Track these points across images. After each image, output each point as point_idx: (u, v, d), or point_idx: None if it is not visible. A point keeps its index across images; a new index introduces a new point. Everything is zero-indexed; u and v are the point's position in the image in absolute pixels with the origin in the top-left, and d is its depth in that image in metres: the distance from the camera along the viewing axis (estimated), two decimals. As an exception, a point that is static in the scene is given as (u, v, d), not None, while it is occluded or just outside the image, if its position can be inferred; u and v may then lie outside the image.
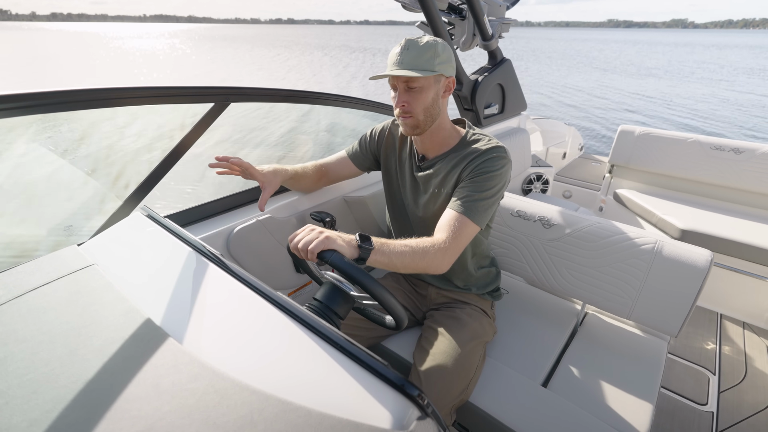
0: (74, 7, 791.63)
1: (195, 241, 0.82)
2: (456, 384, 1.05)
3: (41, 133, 2.66)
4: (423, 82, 1.04)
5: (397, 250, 0.93)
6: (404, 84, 1.05)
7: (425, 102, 1.07)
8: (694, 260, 1.15)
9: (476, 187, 1.06)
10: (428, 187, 1.19)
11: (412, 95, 1.06)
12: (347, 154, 1.38)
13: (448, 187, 1.14)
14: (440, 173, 1.16)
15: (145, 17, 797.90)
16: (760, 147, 2.25)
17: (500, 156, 1.09)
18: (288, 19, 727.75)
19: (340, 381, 0.55)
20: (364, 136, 1.35)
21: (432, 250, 0.97)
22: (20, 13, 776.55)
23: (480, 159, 1.08)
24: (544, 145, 3.36)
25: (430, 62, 1.03)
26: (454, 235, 1.01)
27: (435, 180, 1.17)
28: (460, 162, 1.13)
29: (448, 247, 1.00)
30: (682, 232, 2.07)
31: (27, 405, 0.52)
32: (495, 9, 2.43)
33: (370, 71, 18.48)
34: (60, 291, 0.73)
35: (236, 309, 0.67)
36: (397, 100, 1.08)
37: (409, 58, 1.02)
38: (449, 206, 1.08)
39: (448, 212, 1.06)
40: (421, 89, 1.05)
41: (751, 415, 1.55)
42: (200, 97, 1.23)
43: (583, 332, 1.38)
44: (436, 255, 0.98)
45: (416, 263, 0.96)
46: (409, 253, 0.94)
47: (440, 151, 1.18)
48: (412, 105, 1.06)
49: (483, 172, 1.07)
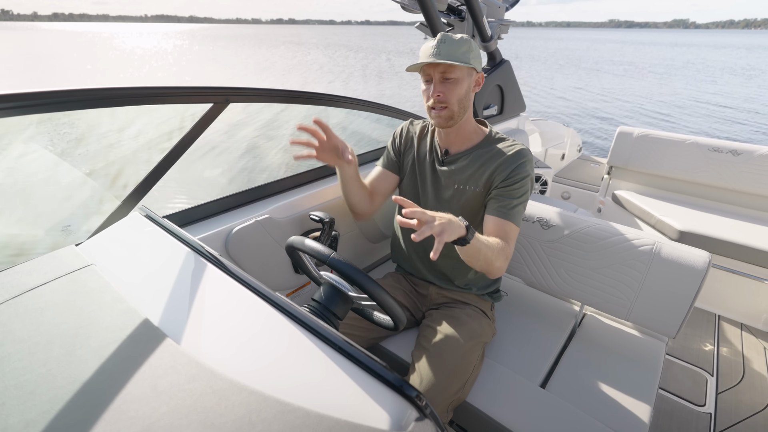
0: (76, 8, 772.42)
1: (193, 241, 0.82)
2: (452, 382, 1.05)
3: (39, 133, 2.65)
4: (459, 73, 1.09)
5: (485, 242, 1.01)
6: (441, 75, 1.08)
7: (460, 93, 1.10)
8: (692, 261, 1.16)
9: (514, 193, 1.12)
10: (452, 183, 1.21)
11: (447, 86, 1.09)
12: (383, 166, 1.36)
13: (478, 186, 1.17)
14: (466, 170, 1.18)
15: (146, 17, 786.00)
16: (758, 149, 2.26)
17: (528, 159, 1.14)
18: (289, 20, 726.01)
19: (339, 382, 0.55)
20: (391, 143, 1.37)
21: (502, 254, 1.06)
22: (22, 13, 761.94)
23: (512, 165, 1.12)
24: (543, 146, 3.37)
25: (466, 55, 1.08)
26: (510, 241, 1.10)
27: (460, 176, 1.19)
28: (488, 162, 1.15)
29: (508, 254, 1.09)
30: (681, 233, 2.08)
31: (24, 406, 0.51)
32: (494, 10, 2.43)
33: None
34: (58, 291, 0.73)
35: (235, 309, 0.67)
36: (433, 90, 1.10)
37: (446, 50, 1.06)
38: (495, 214, 1.11)
39: (496, 221, 1.10)
40: (456, 81, 1.09)
41: (749, 416, 1.55)
42: (199, 97, 1.23)
43: (581, 333, 1.38)
44: (504, 259, 1.07)
45: (491, 260, 1.03)
46: (493, 248, 1.02)
47: (464, 146, 1.21)
48: (447, 96, 1.09)
49: (518, 178, 1.12)
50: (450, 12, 2.30)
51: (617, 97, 13.39)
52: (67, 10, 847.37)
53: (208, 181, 2.73)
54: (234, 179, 3.05)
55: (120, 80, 16.75)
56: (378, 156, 1.82)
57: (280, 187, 1.50)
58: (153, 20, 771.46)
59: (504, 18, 2.52)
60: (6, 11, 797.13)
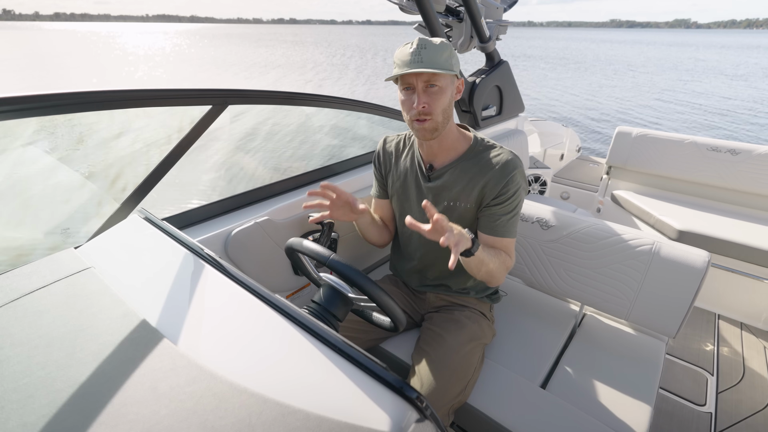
0: (77, 7, 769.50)
1: (193, 243, 0.82)
2: (454, 385, 1.05)
3: (38, 136, 2.65)
4: (443, 81, 1.01)
5: (489, 254, 1.04)
6: (424, 83, 1.01)
7: (444, 103, 1.03)
8: (691, 261, 1.16)
9: (506, 209, 1.09)
10: (440, 200, 1.16)
11: (432, 96, 1.01)
12: (376, 197, 1.34)
13: (469, 202, 1.12)
14: (455, 186, 1.13)
15: (147, 17, 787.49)
16: (757, 148, 2.26)
17: (519, 169, 1.09)
18: (290, 19, 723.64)
19: (339, 384, 0.54)
20: (374, 170, 1.33)
21: (503, 266, 1.09)
22: (24, 12, 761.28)
23: (503, 180, 1.07)
24: (542, 146, 3.37)
25: (449, 61, 1.01)
26: (510, 254, 1.13)
27: (449, 193, 1.14)
28: (477, 176, 1.10)
29: (509, 266, 1.13)
30: (680, 233, 2.08)
31: (23, 409, 0.51)
32: (492, 11, 2.44)
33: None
34: (57, 294, 0.73)
35: (234, 312, 0.67)
36: (417, 101, 1.01)
37: (428, 57, 0.98)
38: (490, 233, 1.11)
39: (493, 239, 1.11)
40: (440, 89, 1.02)
41: (749, 416, 1.55)
42: (198, 99, 1.23)
43: (581, 334, 1.38)
44: (504, 270, 1.11)
45: (492, 272, 1.07)
46: (495, 260, 1.06)
47: (449, 157, 1.15)
48: (432, 106, 1.01)
49: (510, 194, 1.08)
50: (448, 13, 2.30)
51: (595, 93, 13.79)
52: (68, 9, 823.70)
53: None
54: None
55: (119, 80, 16.79)
56: None
57: (280, 189, 1.50)
58: (154, 20, 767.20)
59: (502, 19, 2.52)
60: (8, 11, 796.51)
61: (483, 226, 1.12)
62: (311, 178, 1.61)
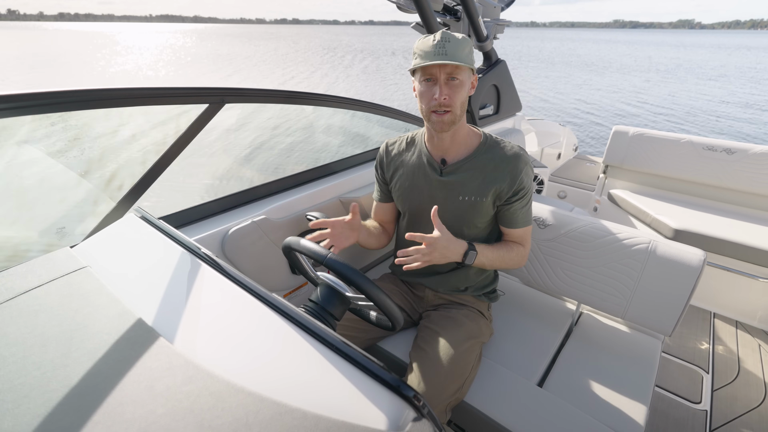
0: (81, 7, 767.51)
1: (189, 242, 0.82)
2: (451, 383, 1.05)
3: (34, 134, 2.63)
4: (464, 75, 1.05)
5: (495, 254, 1.16)
6: (447, 76, 1.03)
7: (462, 96, 1.06)
8: (687, 260, 1.16)
9: (524, 201, 1.17)
10: (456, 195, 1.16)
11: (453, 88, 1.04)
12: (379, 201, 1.34)
13: (485, 196, 1.15)
14: (472, 181, 1.15)
15: (151, 17, 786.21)
16: (752, 147, 2.28)
17: (528, 163, 1.16)
18: (293, 19, 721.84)
19: (336, 383, 0.54)
20: (375, 175, 1.33)
21: (517, 257, 1.21)
22: (28, 12, 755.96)
23: (517, 175, 1.13)
24: (539, 145, 3.38)
25: (469, 56, 1.04)
26: (527, 241, 1.23)
27: (465, 188, 1.15)
28: (492, 173, 1.13)
29: (525, 254, 1.23)
30: (676, 231, 2.09)
31: (18, 409, 0.51)
32: (490, 10, 2.44)
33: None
34: (52, 293, 0.72)
35: (231, 311, 0.67)
36: (439, 92, 1.03)
37: (452, 50, 1.00)
38: (511, 226, 1.19)
39: (513, 231, 1.20)
40: (461, 83, 1.04)
41: (744, 413, 1.56)
42: (195, 98, 1.22)
43: (578, 332, 1.38)
44: (521, 258, 1.22)
45: (503, 266, 1.21)
46: (504, 258, 1.18)
47: (461, 152, 1.17)
48: (453, 98, 1.04)
49: (526, 188, 1.15)
50: (446, 12, 2.30)
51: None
52: (72, 9, 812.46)
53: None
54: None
55: (118, 81, 16.72)
56: (374, 156, 1.83)
57: (277, 188, 1.50)
58: (157, 20, 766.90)
59: (500, 18, 2.52)
60: (12, 11, 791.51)
61: (504, 220, 1.19)
62: (308, 177, 1.61)
